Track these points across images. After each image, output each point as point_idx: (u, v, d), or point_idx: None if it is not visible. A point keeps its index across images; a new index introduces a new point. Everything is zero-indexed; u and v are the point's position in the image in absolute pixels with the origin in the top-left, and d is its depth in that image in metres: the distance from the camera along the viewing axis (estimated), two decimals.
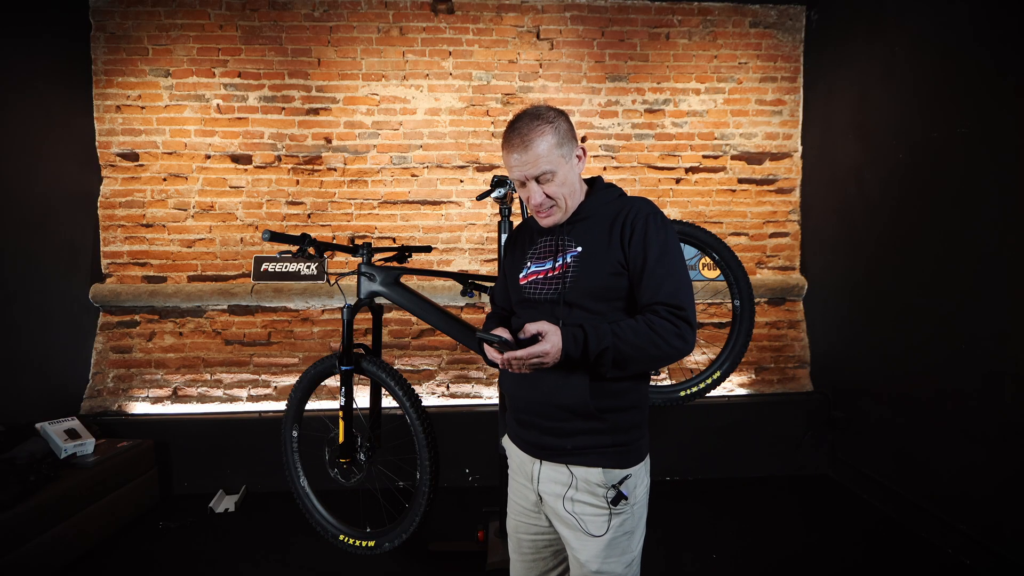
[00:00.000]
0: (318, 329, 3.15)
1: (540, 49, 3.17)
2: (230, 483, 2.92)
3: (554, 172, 1.12)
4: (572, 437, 1.14)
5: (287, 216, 3.14)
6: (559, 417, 1.14)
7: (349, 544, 2.04)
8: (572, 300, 1.14)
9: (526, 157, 1.11)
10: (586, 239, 1.17)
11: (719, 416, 3.09)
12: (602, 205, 1.20)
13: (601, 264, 1.13)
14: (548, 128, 1.12)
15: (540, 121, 1.12)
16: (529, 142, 1.10)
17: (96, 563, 2.27)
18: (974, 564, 2.16)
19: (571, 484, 1.14)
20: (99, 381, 3.06)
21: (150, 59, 3.06)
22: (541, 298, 1.18)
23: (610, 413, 1.13)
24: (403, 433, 1.98)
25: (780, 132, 3.29)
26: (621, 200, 1.21)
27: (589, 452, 1.13)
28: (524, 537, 1.28)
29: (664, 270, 1.11)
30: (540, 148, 1.10)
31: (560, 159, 1.13)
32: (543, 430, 1.17)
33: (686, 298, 1.10)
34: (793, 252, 3.35)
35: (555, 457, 1.16)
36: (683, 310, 1.08)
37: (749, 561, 2.27)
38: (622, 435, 1.14)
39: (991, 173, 2.10)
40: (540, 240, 1.25)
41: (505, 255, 1.37)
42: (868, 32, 2.74)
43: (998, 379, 2.07)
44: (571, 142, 1.16)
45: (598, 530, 1.13)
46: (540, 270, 1.21)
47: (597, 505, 1.13)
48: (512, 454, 1.29)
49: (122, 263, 3.10)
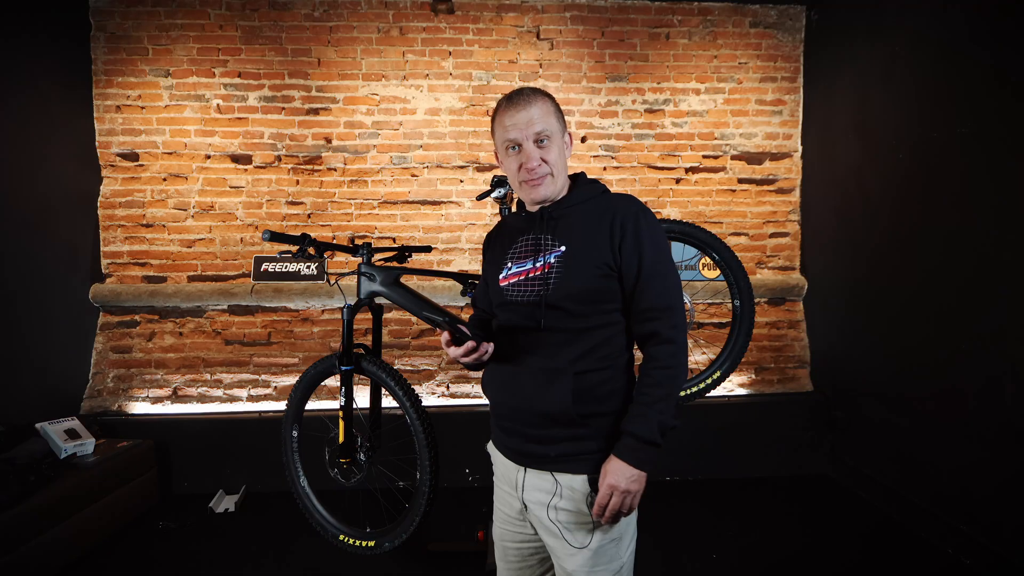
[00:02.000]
0: (318, 329, 3.15)
1: (540, 49, 3.17)
2: (230, 483, 2.92)
3: (550, 136, 1.12)
4: (556, 444, 1.10)
5: (287, 216, 3.14)
6: (542, 424, 1.11)
7: (349, 544, 2.04)
8: (554, 302, 1.10)
9: (528, 114, 1.10)
10: (570, 238, 1.13)
11: (719, 416, 3.09)
12: (585, 200, 1.17)
13: (586, 265, 1.10)
14: (547, 97, 1.15)
15: (538, 91, 1.14)
16: (530, 103, 1.11)
17: (96, 563, 2.27)
18: (974, 564, 2.16)
19: (555, 492, 1.11)
20: (99, 381, 3.06)
21: (150, 59, 3.06)
22: (522, 300, 1.14)
23: (595, 418, 1.10)
24: (403, 433, 1.98)
25: (780, 132, 3.29)
26: (605, 197, 1.18)
27: (574, 459, 1.10)
28: (510, 545, 1.25)
29: (658, 270, 1.11)
30: (542, 109, 1.12)
31: (557, 127, 1.14)
32: (527, 437, 1.14)
33: (675, 295, 1.12)
34: (793, 252, 3.35)
35: (540, 465, 1.13)
36: (672, 310, 1.10)
37: (749, 561, 2.27)
38: (607, 440, 1.09)
39: (991, 173, 2.10)
40: (520, 239, 1.20)
41: (484, 256, 1.33)
42: (868, 32, 2.74)
43: (998, 379, 2.07)
44: (563, 121, 1.18)
45: (582, 540, 1.09)
46: (521, 271, 1.16)
47: (580, 513, 1.09)
48: (497, 461, 1.26)
49: (122, 263, 3.10)
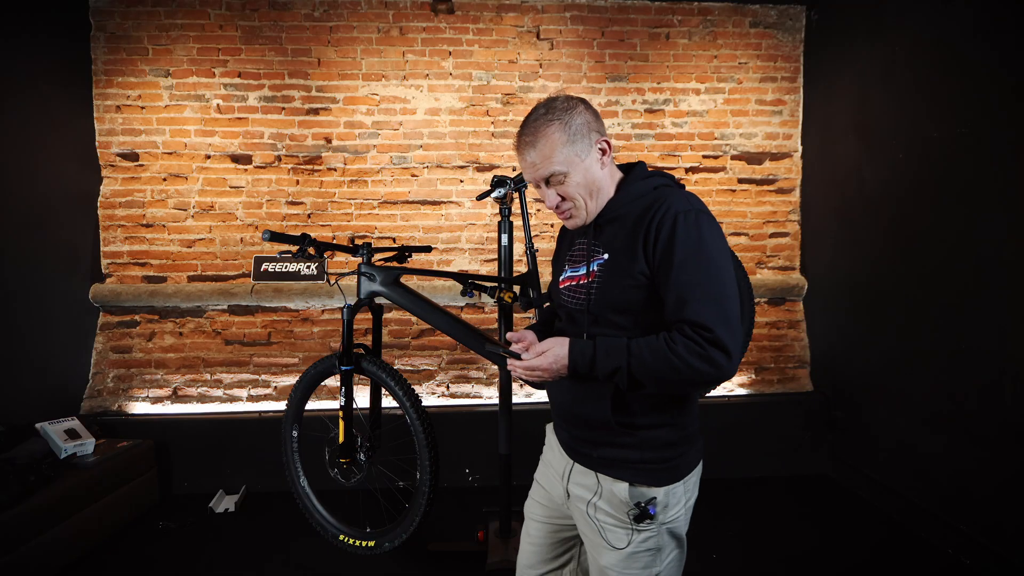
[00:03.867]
0: (318, 329, 3.15)
1: (540, 49, 3.17)
2: (230, 483, 2.92)
3: (566, 173, 1.03)
4: (598, 447, 1.09)
5: (287, 216, 3.14)
6: (586, 426, 1.10)
7: (349, 544, 2.04)
8: (596, 312, 1.06)
9: (533, 158, 1.03)
10: (613, 245, 1.05)
11: (719, 416, 3.09)
12: (633, 200, 1.05)
13: (621, 276, 1.02)
14: (556, 125, 1.01)
15: (549, 117, 1.02)
16: (534, 142, 1.02)
17: (96, 563, 2.27)
18: (974, 564, 2.16)
19: (597, 492, 1.09)
20: (99, 381, 3.06)
21: (150, 59, 3.06)
22: (572, 307, 1.12)
23: (639, 430, 1.05)
24: (403, 433, 1.98)
25: (780, 132, 3.29)
26: (657, 194, 1.05)
27: (618, 465, 1.06)
28: (535, 521, 1.26)
29: (689, 279, 0.94)
30: (546, 148, 1.02)
31: (573, 157, 1.02)
32: (573, 435, 1.15)
33: (716, 315, 0.92)
34: (793, 252, 3.35)
35: (585, 462, 1.12)
36: (711, 331, 0.91)
37: (749, 561, 2.27)
38: (653, 452, 1.05)
39: (991, 173, 2.10)
40: (577, 242, 1.16)
41: (555, 251, 1.31)
42: (868, 32, 2.74)
43: (998, 379, 2.07)
44: (587, 137, 1.03)
45: (618, 542, 1.07)
46: (575, 276, 1.13)
47: (619, 518, 1.07)
48: (550, 443, 1.27)
49: (122, 263, 3.10)
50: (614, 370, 0.97)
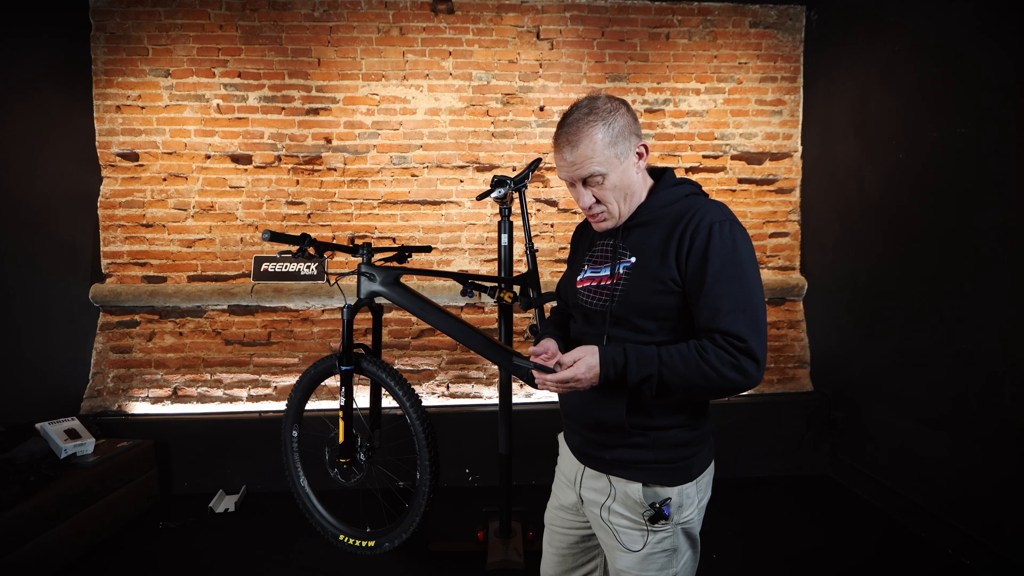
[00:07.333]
0: (318, 329, 3.15)
1: (540, 49, 3.17)
2: (230, 483, 2.92)
3: (604, 174, 1.02)
4: (612, 449, 1.09)
5: (287, 216, 3.14)
6: (599, 429, 1.10)
7: (349, 544, 2.04)
8: (619, 314, 1.05)
9: (573, 157, 1.01)
10: (641, 249, 1.05)
11: (719, 416, 3.08)
12: (665, 206, 1.06)
13: (649, 280, 1.02)
14: (599, 125, 1.00)
15: (592, 117, 1.01)
16: (576, 141, 1.00)
17: (96, 563, 2.27)
18: (974, 564, 2.16)
19: (610, 494, 1.09)
20: (99, 381, 3.06)
21: (150, 59, 3.06)
22: (591, 307, 1.11)
23: (653, 431, 1.05)
24: (403, 433, 1.98)
25: (780, 132, 3.29)
26: (688, 202, 1.05)
27: (630, 466, 1.07)
28: (557, 530, 1.27)
29: (724, 290, 0.95)
30: (588, 148, 1.00)
31: (613, 159, 1.01)
32: (585, 439, 1.14)
33: (748, 325, 0.94)
34: (793, 252, 3.35)
35: (596, 465, 1.12)
36: (744, 342, 0.93)
37: (749, 561, 2.27)
38: (666, 452, 1.05)
39: (991, 173, 2.10)
40: (599, 242, 1.15)
41: (572, 245, 1.30)
42: (868, 32, 2.73)
43: (998, 379, 2.07)
44: (628, 139, 1.03)
45: (633, 544, 1.07)
46: (595, 276, 1.12)
47: (634, 520, 1.07)
48: (562, 452, 1.28)
49: (122, 263, 3.10)
50: (645, 378, 0.96)
